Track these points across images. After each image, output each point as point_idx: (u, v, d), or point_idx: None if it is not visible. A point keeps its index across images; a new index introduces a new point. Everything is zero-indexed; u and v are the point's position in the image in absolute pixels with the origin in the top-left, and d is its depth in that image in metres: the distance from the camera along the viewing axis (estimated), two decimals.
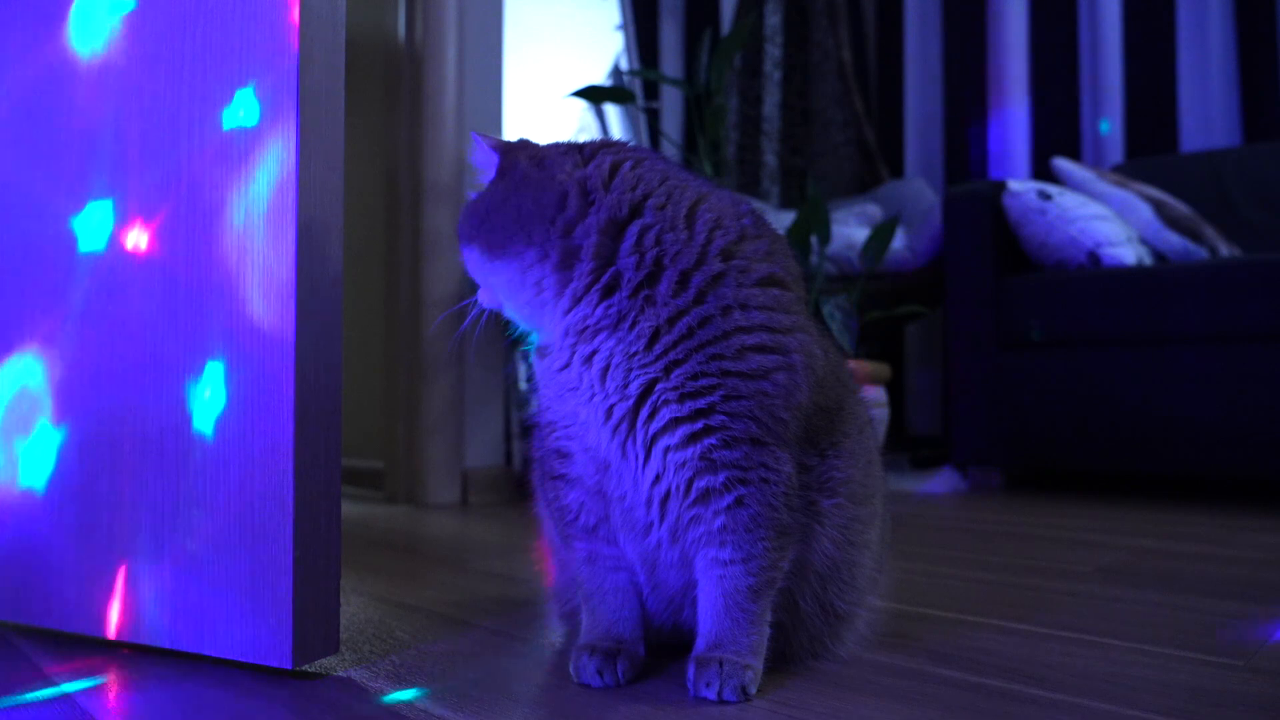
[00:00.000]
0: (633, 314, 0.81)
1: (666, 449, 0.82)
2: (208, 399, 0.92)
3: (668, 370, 0.81)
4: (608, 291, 0.82)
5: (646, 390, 0.81)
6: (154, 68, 0.97)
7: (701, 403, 0.80)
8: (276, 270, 0.89)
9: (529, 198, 0.84)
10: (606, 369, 0.82)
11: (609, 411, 0.82)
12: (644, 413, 0.82)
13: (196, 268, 0.94)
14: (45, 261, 1.05)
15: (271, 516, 0.87)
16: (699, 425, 0.81)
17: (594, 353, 0.82)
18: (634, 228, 0.82)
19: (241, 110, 0.92)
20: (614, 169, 0.85)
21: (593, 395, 0.83)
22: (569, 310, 0.83)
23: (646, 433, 0.82)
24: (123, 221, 0.99)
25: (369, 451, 2.77)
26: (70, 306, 1.03)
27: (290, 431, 0.87)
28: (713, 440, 0.81)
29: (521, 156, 0.87)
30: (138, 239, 0.98)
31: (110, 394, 0.99)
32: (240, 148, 0.92)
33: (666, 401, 0.81)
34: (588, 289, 0.82)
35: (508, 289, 0.85)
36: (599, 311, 0.82)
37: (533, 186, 0.84)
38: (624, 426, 0.82)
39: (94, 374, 1.00)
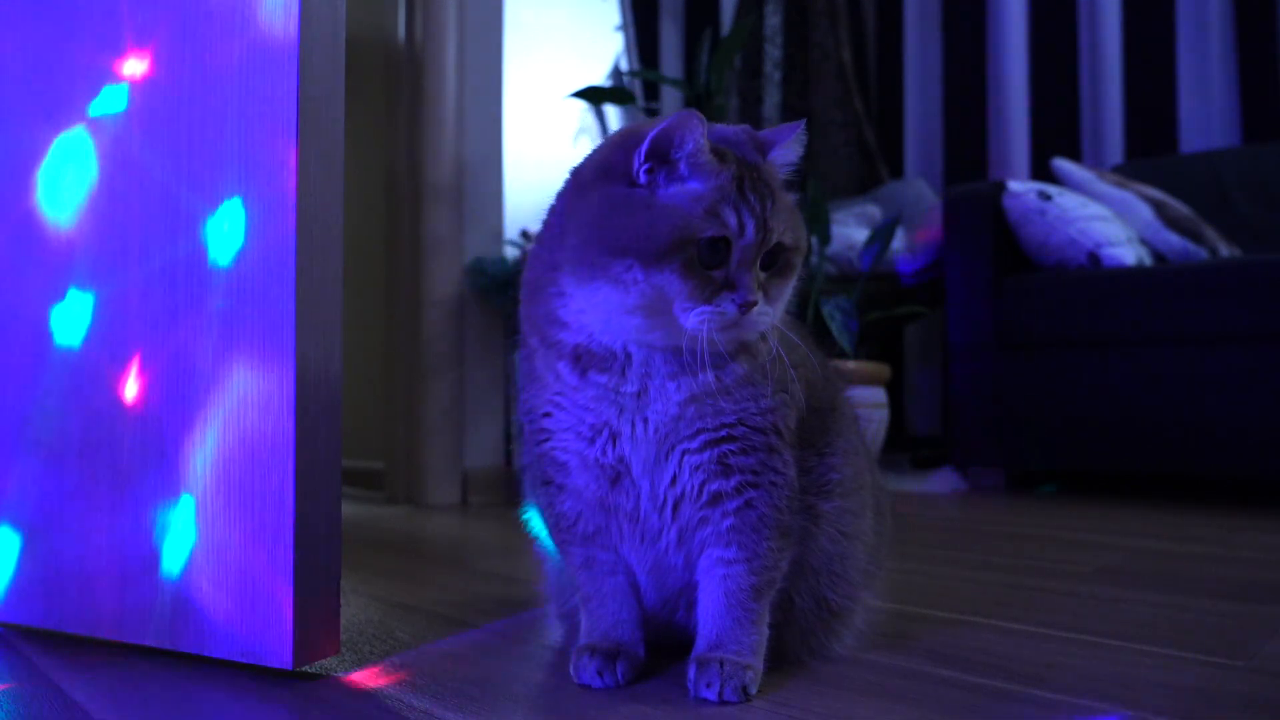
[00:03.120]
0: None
1: (684, 452, 0.83)
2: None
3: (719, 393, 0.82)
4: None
5: (687, 402, 0.82)
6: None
7: (731, 417, 0.82)
8: (275, 284, 0.89)
9: None
10: (684, 400, 0.81)
11: (657, 429, 0.82)
12: (680, 424, 0.82)
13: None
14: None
15: (272, 516, 0.87)
16: (722, 434, 0.82)
17: (686, 383, 0.81)
18: None
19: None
20: None
21: (646, 412, 0.82)
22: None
23: (674, 439, 0.83)
24: None
25: (369, 451, 2.77)
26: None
27: (291, 431, 0.87)
28: (731, 446, 0.82)
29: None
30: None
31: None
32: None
33: (702, 414, 0.82)
34: None
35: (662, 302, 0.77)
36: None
37: None
38: (667, 438, 0.82)
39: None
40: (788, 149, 0.82)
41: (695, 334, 0.76)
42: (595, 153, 0.84)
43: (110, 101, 1.01)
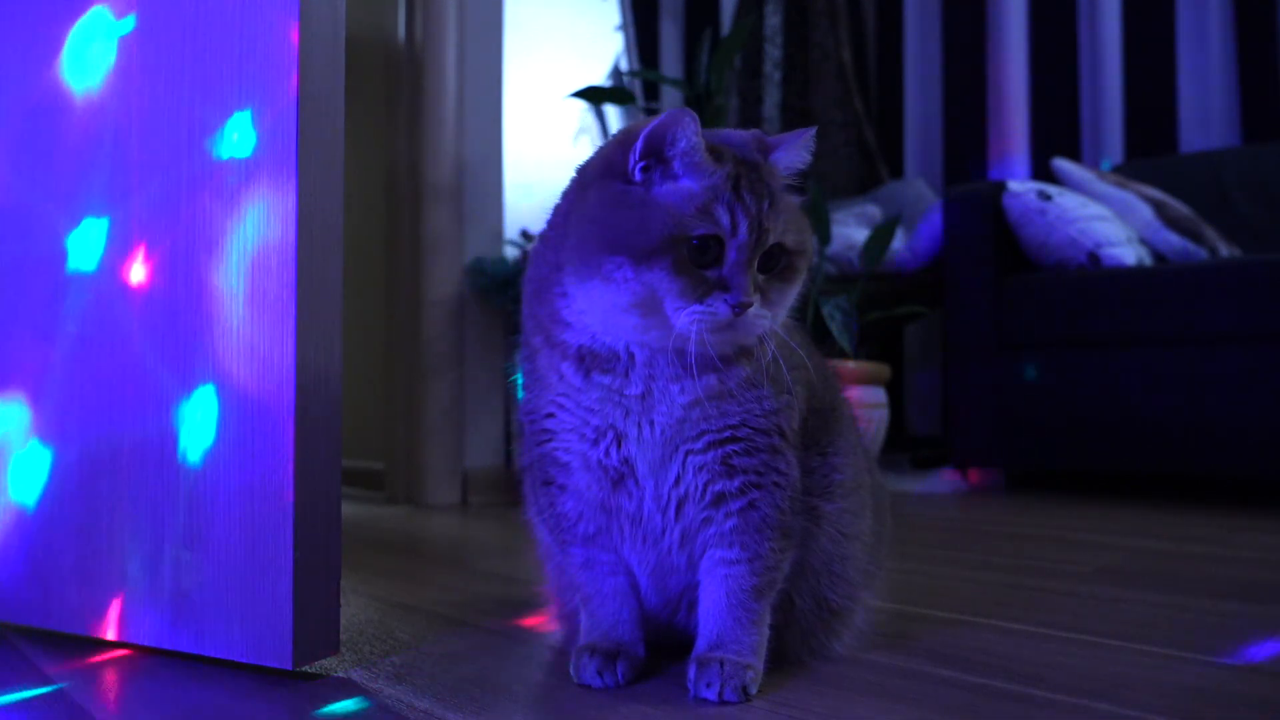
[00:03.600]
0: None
1: (688, 453, 0.83)
2: (203, 409, 0.92)
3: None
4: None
5: (691, 405, 0.82)
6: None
7: (735, 419, 0.82)
8: (275, 282, 0.89)
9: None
10: (688, 403, 0.81)
11: (663, 431, 0.82)
12: (685, 426, 0.82)
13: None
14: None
15: (271, 517, 0.87)
16: (725, 435, 0.82)
17: (689, 385, 0.81)
18: None
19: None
20: None
21: (651, 414, 0.82)
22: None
23: (679, 440, 0.82)
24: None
25: (369, 452, 2.77)
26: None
27: (291, 431, 0.87)
28: (735, 447, 0.82)
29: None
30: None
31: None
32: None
33: (707, 417, 0.82)
34: None
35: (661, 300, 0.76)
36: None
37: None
38: (671, 440, 0.82)
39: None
40: (793, 152, 0.81)
41: (685, 334, 0.75)
42: (599, 151, 0.84)
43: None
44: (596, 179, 0.79)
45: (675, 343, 0.76)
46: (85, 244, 1.01)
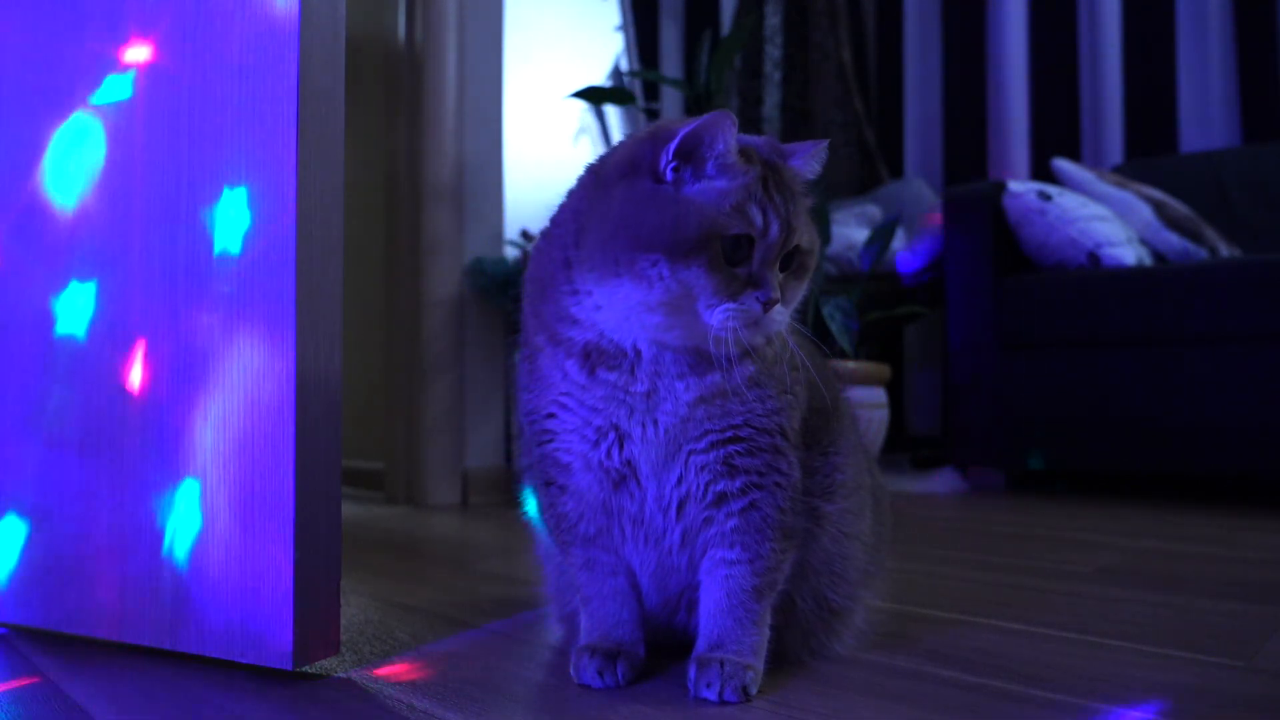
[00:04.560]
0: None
1: (690, 452, 0.83)
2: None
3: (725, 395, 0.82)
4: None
5: (696, 403, 0.82)
6: None
7: (738, 419, 0.82)
8: (276, 282, 0.89)
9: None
10: (693, 400, 0.81)
11: (667, 430, 0.82)
12: (688, 425, 0.82)
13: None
14: None
15: (272, 517, 0.87)
16: (728, 435, 0.82)
17: (694, 383, 0.81)
18: None
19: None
20: None
21: (655, 413, 0.82)
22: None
23: (682, 440, 0.83)
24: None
25: (369, 452, 2.77)
26: None
27: (291, 431, 0.87)
28: (737, 447, 0.82)
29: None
30: None
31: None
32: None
33: (710, 415, 0.82)
34: None
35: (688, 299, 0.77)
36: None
37: None
38: (675, 440, 0.82)
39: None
40: (806, 161, 0.83)
41: (720, 331, 0.75)
42: (618, 149, 0.83)
43: (113, 90, 1.01)
44: (620, 177, 0.79)
45: (713, 344, 0.76)
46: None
